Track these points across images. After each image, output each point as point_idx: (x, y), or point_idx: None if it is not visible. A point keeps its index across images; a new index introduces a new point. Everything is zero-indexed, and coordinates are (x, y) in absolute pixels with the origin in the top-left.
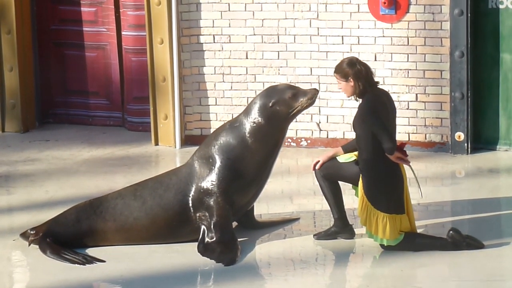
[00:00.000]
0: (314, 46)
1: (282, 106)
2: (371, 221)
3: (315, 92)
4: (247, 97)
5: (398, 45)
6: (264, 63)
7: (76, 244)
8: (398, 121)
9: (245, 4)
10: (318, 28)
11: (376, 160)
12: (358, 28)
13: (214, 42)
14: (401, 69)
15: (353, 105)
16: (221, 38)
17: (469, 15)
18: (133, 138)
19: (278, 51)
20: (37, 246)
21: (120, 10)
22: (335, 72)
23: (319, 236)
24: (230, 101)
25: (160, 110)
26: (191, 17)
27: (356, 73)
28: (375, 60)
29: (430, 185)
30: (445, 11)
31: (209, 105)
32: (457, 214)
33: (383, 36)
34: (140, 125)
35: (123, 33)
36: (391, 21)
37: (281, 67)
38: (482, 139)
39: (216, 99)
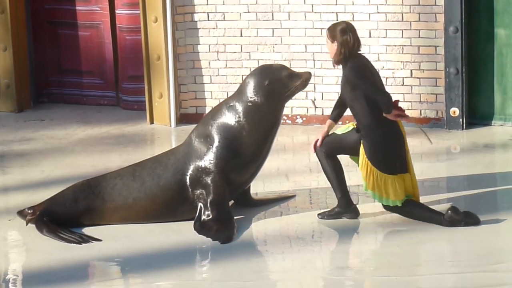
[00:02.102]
0: (309, 23)
1: (278, 85)
2: (379, 185)
3: (309, 75)
4: (242, 75)
5: (393, 21)
6: (258, 40)
7: (73, 224)
8: (393, 96)
9: None
10: (312, 5)
11: (376, 123)
12: (353, 4)
13: (208, 20)
14: (395, 45)
15: None
16: (215, 16)
17: None
18: (128, 117)
19: (273, 29)
20: (34, 225)
21: None
22: (327, 29)
23: (323, 216)
24: (225, 79)
25: (155, 89)
26: None
27: (343, 42)
28: (370, 36)
29: (426, 160)
30: None
31: (204, 83)
32: (453, 190)
33: (378, 12)
34: (135, 104)
35: (117, 11)
36: None
37: (275, 44)
38: (477, 114)
39: (211, 77)
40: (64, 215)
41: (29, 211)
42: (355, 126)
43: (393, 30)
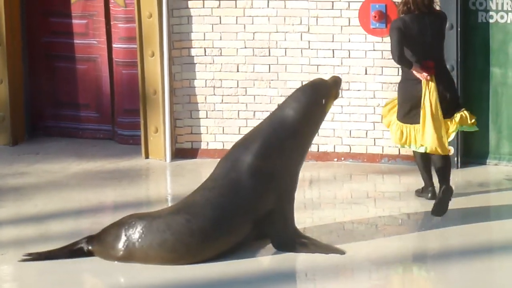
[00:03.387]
0: (305, 59)
1: (328, 99)
2: (409, 137)
3: (336, 78)
4: (238, 110)
5: (389, 58)
6: (255, 76)
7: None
8: (388, 134)
9: (236, 17)
10: (309, 41)
11: (403, 72)
12: (349, 41)
13: (205, 55)
14: (391, 83)
15: (344, 119)
16: (212, 51)
17: (459, 29)
18: (123, 151)
19: (269, 64)
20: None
21: (111, 23)
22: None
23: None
24: (221, 114)
25: (150, 123)
26: (182, 29)
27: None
28: (366, 73)
29: (421, 198)
30: None
31: (200, 118)
32: (447, 225)
33: (374, 50)
34: (130, 138)
35: (114, 45)
36: (381, 34)
37: (272, 80)
38: (472, 153)
39: (207, 112)
40: None
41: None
42: None
43: (389, 68)
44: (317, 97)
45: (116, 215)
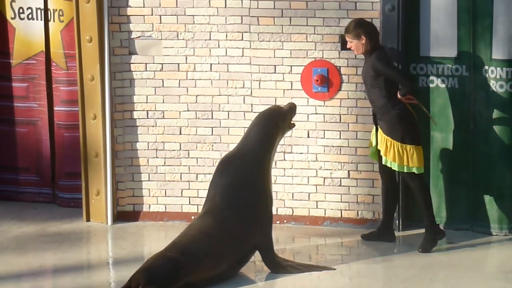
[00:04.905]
0: (248, 122)
1: (284, 124)
2: (401, 156)
3: (292, 104)
4: (181, 173)
5: (331, 122)
6: (197, 139)
7: None
8: (330, 197)
9: (179, 80)
10: (251, 104)
11: (391, 102)
12: None
13: (147, 118)
14: (333, 146)
15: (286, 181)
16: (154, 113)
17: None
18: (64, 214)
19: (212, 127)
20: None
21: (53, 86)
22: (347, 32)
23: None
24: (163, 177)
25: (92, 186)
26: (124, 92)
27: (371, 33)
28: (308, 136)
29: (362, 262)
30: None
31: (142, 180)
32: None
33: (316, 113)
34: (71, 201)
35: (55, 108)
36: (323, 98)
37: (214, 143)
38: (413, 216)
39: (149, 174)
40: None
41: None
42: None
43: (331, 131)
44: (274, 121)
45: (57, 278)
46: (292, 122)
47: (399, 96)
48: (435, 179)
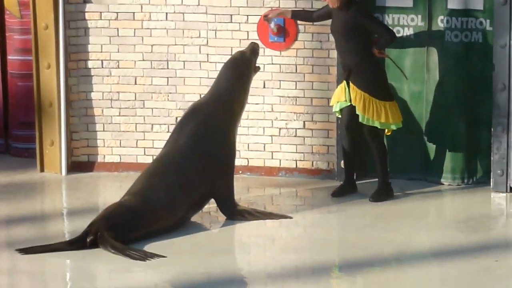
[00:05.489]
0: (204, 72)
1: (247, 68)
2: (379, 113)
3: (254, 45)
4: (136, 123)
5: (287, 72)
6: (153, 89)
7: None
8: (286, 148)
9: (134, 29)
10: (207, 54)
11: (368, 57)
12: None
13: (102, 67)
14: (289, 97)
15: (242, 132)
16: (109, 63)
17: None
18: (18, 164)
19: (168, 77)
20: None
21: (6, 34)
22: None
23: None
24: (118, 127)
25: (46, 136)
26: (79, 41)
27: None
28: (264, 87)
29: (316, 212)
30: (332, 39)
31: (97, 131)
32: (343, 238)
33: (272, 64)
34: (25, 151)
35: (8, 57)
36: (280, 48)
37: (170, 93)
38: (367, 166)
39: (104, 125)
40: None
41: (88, 231)
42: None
43: (287, 82)
44: (240, 70)
45: (11, 229)
46: (257, 65)
47: (375, 50)
48: None
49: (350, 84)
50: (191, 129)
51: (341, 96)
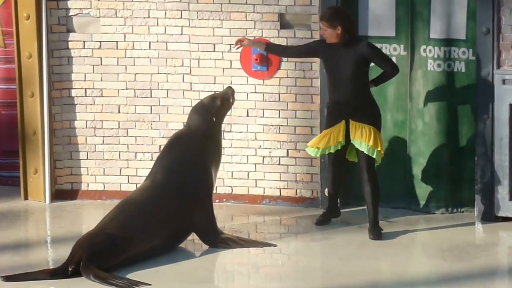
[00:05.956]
0: (187, 101)
1: (219, 115)
2: (377, 143)
3: (229, 91)
4: (119, 151)
5: (270, 101)
6: (136, 117)
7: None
8: (269, 176)
9: (118, 58)
10: (191, 83)
11: (370, 92)
12: (231, 83)
13: (86, 96)
14: (272, 125)
15: (225, 160)
16: (93, 91)
17: None
18: (2, 192)
19: (151, 106)
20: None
21: None
22: (323, 19)
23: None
24: (101, 155)
25: (30, 164)
26: (62, 70)
27: (349, 22)
28: (247, 115)
29: (300, 240)
30: (316, 68)
31: (80, 159)
32: (326, 267)
33: (255, 92)
34: (9, 179)
35: None
36: (262, 77)
37: (153, 121)
38: (351, 194)
39: (87, 153)
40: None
41: (70, 261)
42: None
43: (270, 110)
44: (207, 116)
45: None
46: (227, 101)
47: (372, 85)
48: None
49: (351, 121)
50: (168, 161)
51: (339, 136)
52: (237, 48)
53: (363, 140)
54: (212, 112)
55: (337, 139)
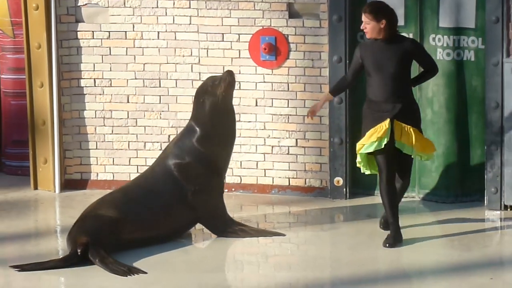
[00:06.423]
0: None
1: (209, 96)
2: (423, 146)
3: (227, 75)
4: (128, 141)
5: (279, 90)
6: (145, 107)
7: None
8: (278, 166)
9: (126, 48)
10: (199, 73)
11: (412, 92)
12: (239, 73)
13: (95, 86)
14: (281, 115)
15: (234, 149)
16: (102, 82)
17: (347, 61)
18: (11, 182)
19: (160, 95)
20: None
21: None
22: (367, 11)
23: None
24: (111, 145)
25: (39, 154)
26: (71, 60)
27: (394, 17)
28: (256, 105)
29: (309, 230)
30: (324, 57)
31: (90, 149)
32: (336, 256)
33: (264, 82)
34: (19, 169)
35: (2, 76)
36: (271, 67)
37: (162, 111)
38: (360, 184)
39: (96, 143)
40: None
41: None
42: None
43: (279, 100)
44: (198, 100)
45: (5, 246)
46: (225, 84)
47: (413, 84)
48: None
49: (395, 121)
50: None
51: (384, 135)
52: (312, 118)
53: (408, 144)
54: (208, 90)
55: (382, 136)
